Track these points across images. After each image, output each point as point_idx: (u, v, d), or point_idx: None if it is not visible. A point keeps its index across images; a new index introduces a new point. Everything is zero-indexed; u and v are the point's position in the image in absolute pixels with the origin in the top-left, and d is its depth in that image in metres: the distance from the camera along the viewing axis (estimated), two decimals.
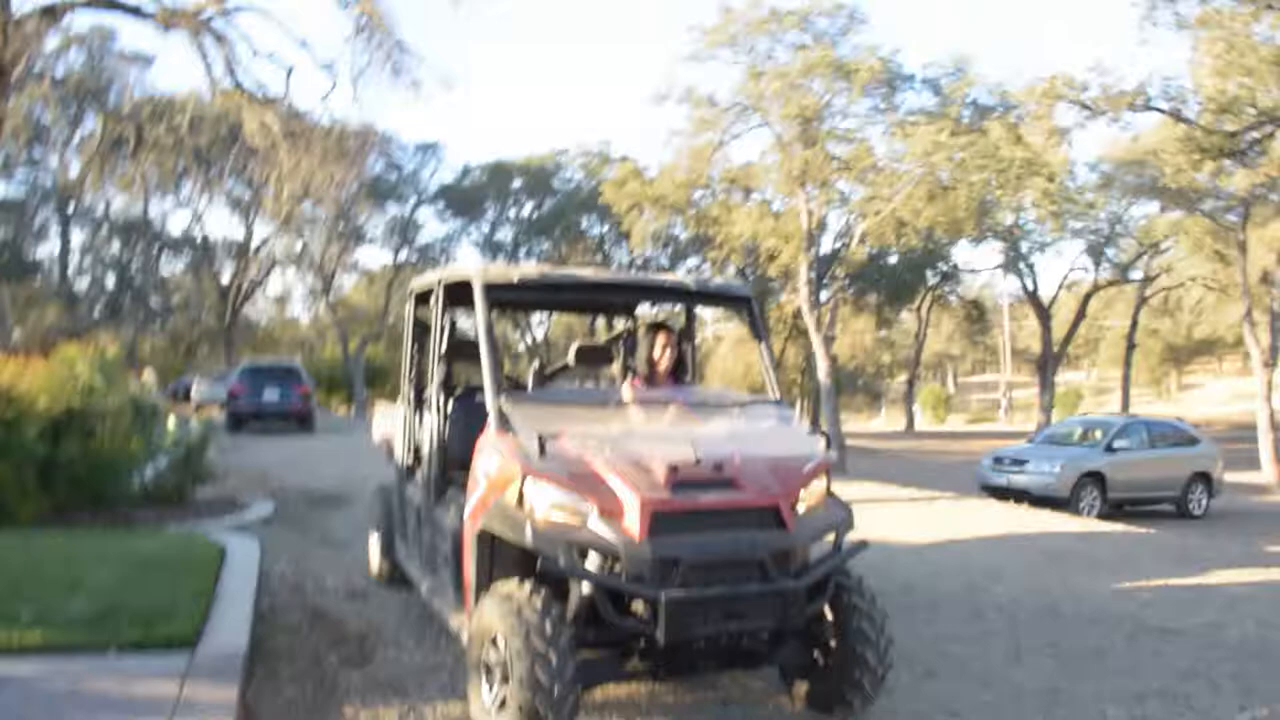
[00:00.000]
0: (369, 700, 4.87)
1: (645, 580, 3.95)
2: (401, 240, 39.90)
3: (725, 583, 4.05)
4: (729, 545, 4.11)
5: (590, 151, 39.52)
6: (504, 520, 4.31)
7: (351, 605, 6.77)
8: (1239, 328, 26.95)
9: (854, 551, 4.64)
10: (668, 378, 5.64)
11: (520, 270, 5.20)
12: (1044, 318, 36.61)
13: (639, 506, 4.03)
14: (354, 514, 10.72)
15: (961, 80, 21.33)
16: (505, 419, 4.57)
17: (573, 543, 4.03)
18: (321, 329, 53.19)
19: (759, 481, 4.34)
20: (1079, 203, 24.99)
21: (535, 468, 4.20)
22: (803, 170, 22.21)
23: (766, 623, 4.16)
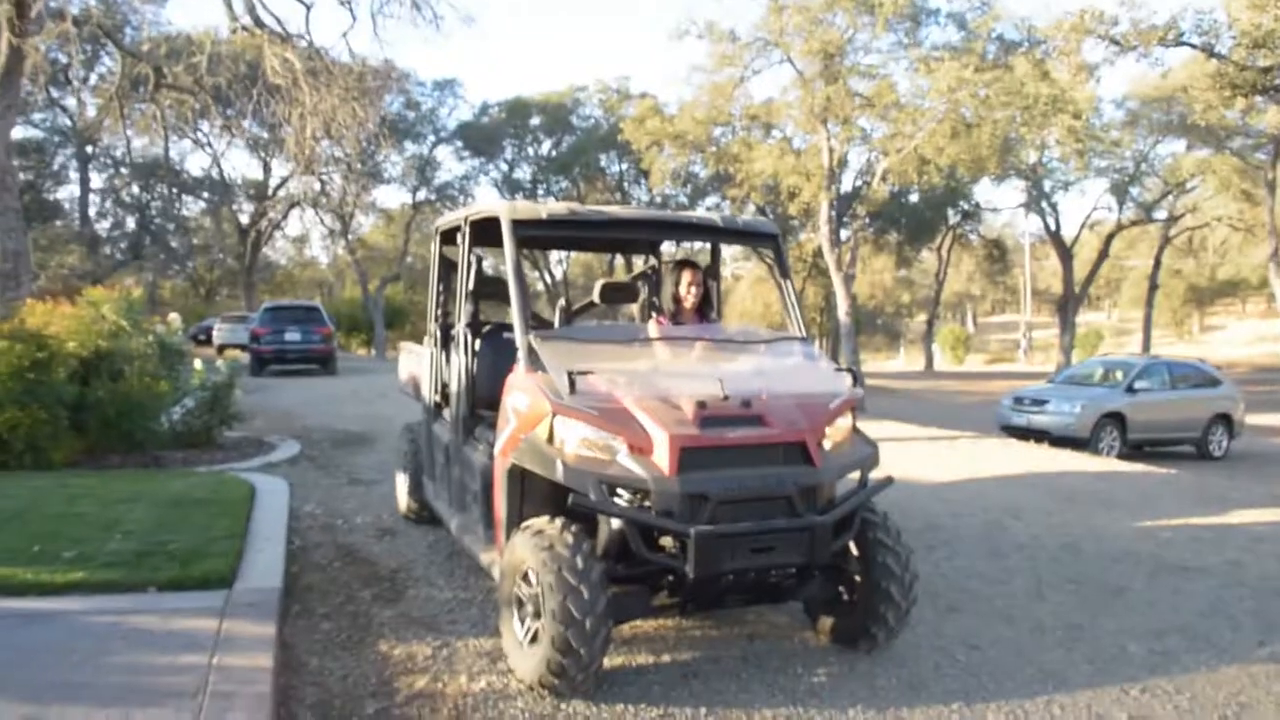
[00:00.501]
0: (402, 636, 4.95)
1: (675, 515, 3.98)
2: (420, 179, 39.68)
3: (753, 518, 4.08)
4: (757, 481, 4.13)
5: (609, 88, 39.14)
6: (534, 456, 4.32)
7: (381, 543, 6.85)
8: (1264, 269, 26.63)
9: (879, 487, 4.66)
10: (693, 315, 5.65)
11: (548, 207, 5.14)
12: (1065, 258, 36.29)
13: (668, 442, 4.05)
14: (379, 454, 10.82)
15: (987, 14, 20.92)
16: (535, 356, 4.56)
17: (603, 478, 4.05)
18: (340, 270, 53.26)
19: (786, 418, 4.36)
20: (1104, 140, 24.66)
21: (565, 404, 4.22)
22: (824, 107, 21.95)
23: (794, 558, 4.20)
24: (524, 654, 4.25)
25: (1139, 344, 42.10)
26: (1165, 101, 23.36)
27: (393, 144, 30.94)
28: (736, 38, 22.80)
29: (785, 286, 5.69)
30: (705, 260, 6.46)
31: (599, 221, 5.28)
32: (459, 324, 5.85)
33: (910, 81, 22.45)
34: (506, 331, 6.07)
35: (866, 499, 4.57)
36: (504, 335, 6.11)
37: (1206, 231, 41.63)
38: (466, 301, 5.83)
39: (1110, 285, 58.75)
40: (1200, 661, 4.96)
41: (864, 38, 21.91)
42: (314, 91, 17.11)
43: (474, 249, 5.86)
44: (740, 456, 4.20)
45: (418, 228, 43.23)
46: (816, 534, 4.16)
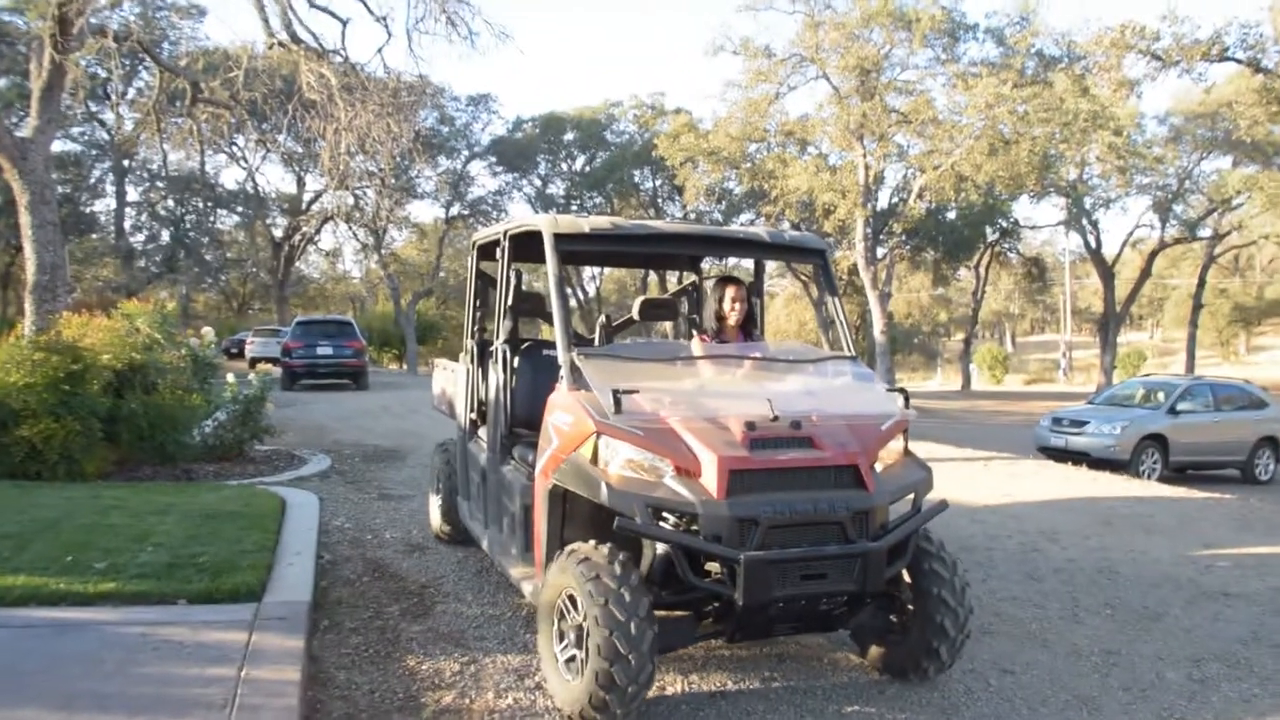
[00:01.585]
0: (430, 651, 4.94)
1: (723, 540, 3.87)
2: (453, 194, 39.85)
3: (804, 543, 3.96)
4: (808, 505, 3.99)
5: (644, 104, 39.16)
6: (577, 478, 4.22)
7: (410, 559, 6.83)
8: None
9: (934, 512, 4.50)
10: (737, 333, 5.49)
11: (591, 220, 5.02)
12: (1107, 276, 35.84)
13: (716, 465, 3.93)
14: (410, 469, 10.80)
15: (1026, 30, 20.77)
16: (578, 374, 4.46)
17: (649, 501, 3.94)
18: (373, 284, 53.54)
19: (837, 440, 4.21)
20: (1146, 157, 24.32)
21: (610, 424, 4.11)
22: (860, 123, 21.83)
23: (846, 585, 4.05)
24: (564, 683, 4.12)
25: (1183, 365, 41.44)
26: (1209, 117, 23.05)
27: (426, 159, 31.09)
28: (772, 54, 22.76)
29: (833, 304, 5.53)
30: (747, 277, 6.37)
31: (642, 236, 5.15)
32: (497, 340, 5.72)
33: (947, 98, 22.32)
34: (546, 349, 5.96)
35: (921, 525, 4.42)
36: (544, 352, 5.98)
37: (1253, 249, 41.03)
38: (505, 318, 5.70)
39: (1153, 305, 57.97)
40: (1241, 691, 4.81)
41: (901, 53, 21.83)
42: (349, 107, 17.16)
43: (513, 264, 5.71)
44: (790, 480, 4.07)
45: (451, 243, 43.41)
46: (869, 561, 4.04)
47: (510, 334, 5.74)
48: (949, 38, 21.56)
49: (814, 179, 24.59)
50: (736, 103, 24.97)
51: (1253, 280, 49.98)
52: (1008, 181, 21.98)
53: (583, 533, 4.39)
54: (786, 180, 25.35)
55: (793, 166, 25.48)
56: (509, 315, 5.72)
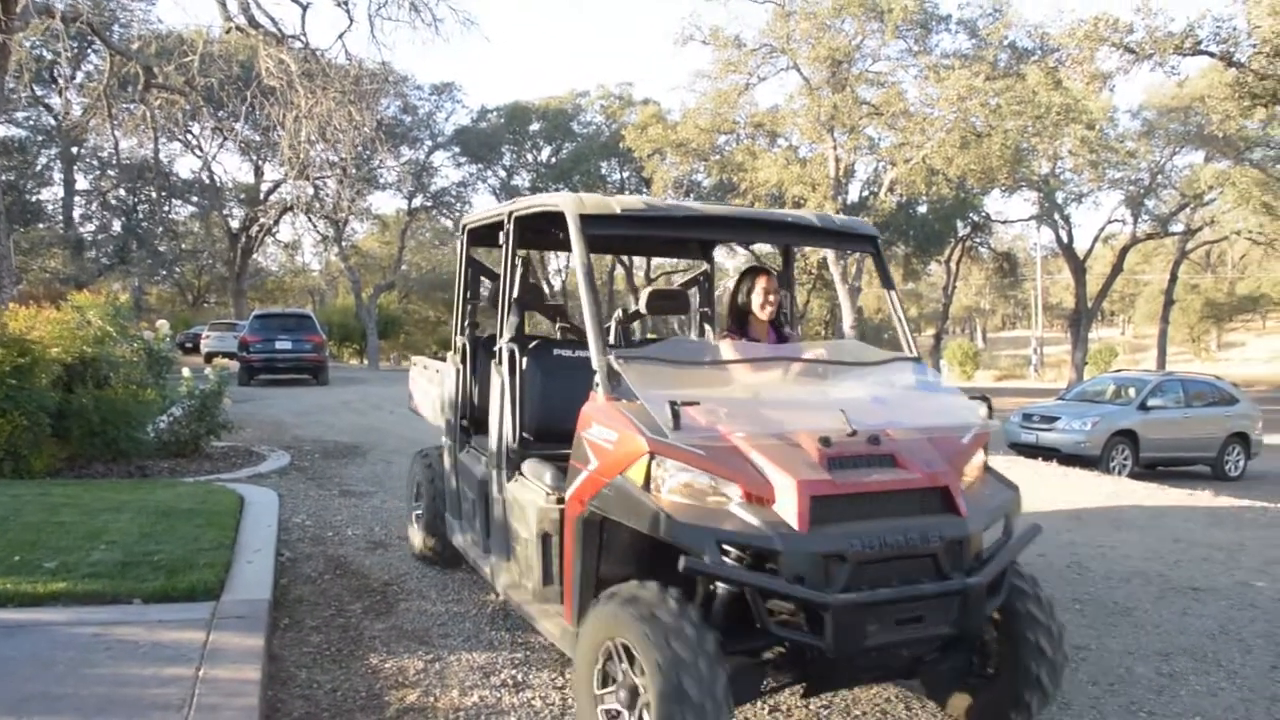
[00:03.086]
0: (394, 650, 4.91)
1: (807, 581, 3.29)
2: (416, 185, 39.28)
3: (896, 581, 3.41)
4: (898, 536, 3.43)
5: (611, 94, 38.96)
6: (625, 506, 3.60)
7: (373, 556, 6.79)
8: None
9: (1028, 537, 3.95)
10: (768, 329, 4.95)
11: (622, 201, 4.41)
12: (1078, 271, 36.00)
13: (796, 490, 3.35)
14: (372, 466, 10.76)
15: (999, 22, 20.78)
16: (618, 381, 3.84)
17: (721, 536, 3.33)
18: (333, 277, 52.85)
19: (922, 457, 3.68)
20: (1119, 151, 24.42)
21: (668, 443, 3.49)
22: (831, 115, 21.71)
23: (942, 629, 3.51)
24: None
25: (1154, 361, 41.80)
26: (1182, 112, 23.14)
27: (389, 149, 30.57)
28: (742, 44, 22.61)
29: (890, 298, 5.02)
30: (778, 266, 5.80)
31: (680, 219, 4.58)
32: (502, 339, 5.00)
33: (919, 90, 22.30)
34: (557, 348, 5.45)
35: (1018, 553, 3.85)
36: (554, 352, 5.43)
37: (1225, 245, 41.47)
38: (510, 312, 5.06)
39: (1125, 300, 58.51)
40: (1209, 685, 4.84)
41: (872, 44, 21.74)
42: (309, 94, 16.77)
43: (518, 250, 5.11)
44: (875, 506, 3.51)
45: (413, 235, 42.90)
46: (970, 598, 3.50)
47: (516, 331, 5.11)
48: (921, 29, 21.52)
49: (784, 171, 24.43)
50: (705, 94, 24.83)
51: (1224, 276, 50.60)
52: (979, 175, 21.95)
53: (622, 569, 3.89)
54: (756, 173, 25.18)
55: (762, 159, 25.33)
56: (514, 309, 5.11)
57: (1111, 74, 17.69)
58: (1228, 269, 48.63)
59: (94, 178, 38.51)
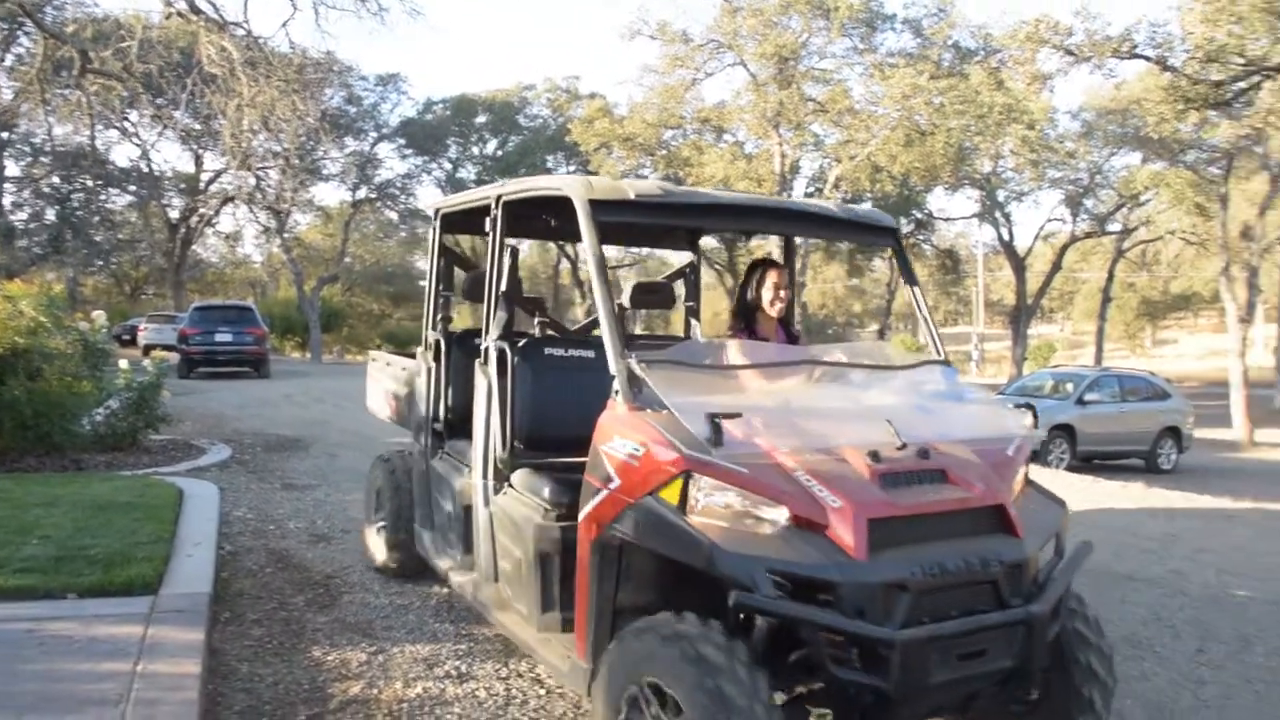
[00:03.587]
0: (337, 642, 4.86)
1: (867, 614, 2.93)
2: (360, 177, 38.83)
3: (955, 611, 3.09)
4: (960, 562, 3.10)
5: (558, 87, 38.81)
6: (657, 531, 3.20)
7: (315, 549, 6.70)
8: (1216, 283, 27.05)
9: (1082, 556, 3.64)
10: (776, 328, 4.62)
11: (636, 185, 3.97)
12: (1019, 269, 36.61)
13: (852, 513, 3.00)
14: (314, 459, 10.62)
15: (943, 22, 21.06)
16: (639, 388, 3.45)
17: (773, 566, 2.95)
18: (275, 269, 52.03)
19: (975, 472, 3.36)
20: (1059, 151, 24.88)
21: (709, 460, 3.10)
22: (777, 111, 21.85)
23: (1004, 662, 3.18)
24: None
25: (1091, 357, 42.65)
26: (1120, 114, 23.62)
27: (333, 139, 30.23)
28: (689, 39, 22.67)
29: (915, 295, 4.62)
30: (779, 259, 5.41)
31: (697, 206, 4.20)
32: (489, 337, 4.54)
33: (864, 87, 22.56)
34: (549, 346, 4.96)
35: (1074, 574, 3.52)
36: (545, 351, 4.92)
37: (1160, 245, 42.30)
38: (499, 307, 4.60)
39: (1063, 297, 59.46)
40: (1142, 670, 4.99)
41: (819, 42, 21.93)
42: (252, 82, 16.47)
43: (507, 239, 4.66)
44: (930, 528, 3.18)
45: (357, 227, 42.37)
46: (1034, 627, 3.16)
47: (505, 328, 4.63)
48: (867, 27, 21.75)
49: (730, 167, 24.52)
50: (653, 88, 24.89)
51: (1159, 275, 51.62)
52: (923, 173, 22.23)
53: (640, 597, 3.52)
54: (702, 168, 25.23)
55: (708, 154, 25.41)
56: (503, 304, 4.62)
57: (1052, 75, 18.04)
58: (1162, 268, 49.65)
59: (26, 165, 37.38)
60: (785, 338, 4.62)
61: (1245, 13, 14.73)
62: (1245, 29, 15.07)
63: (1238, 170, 23.61)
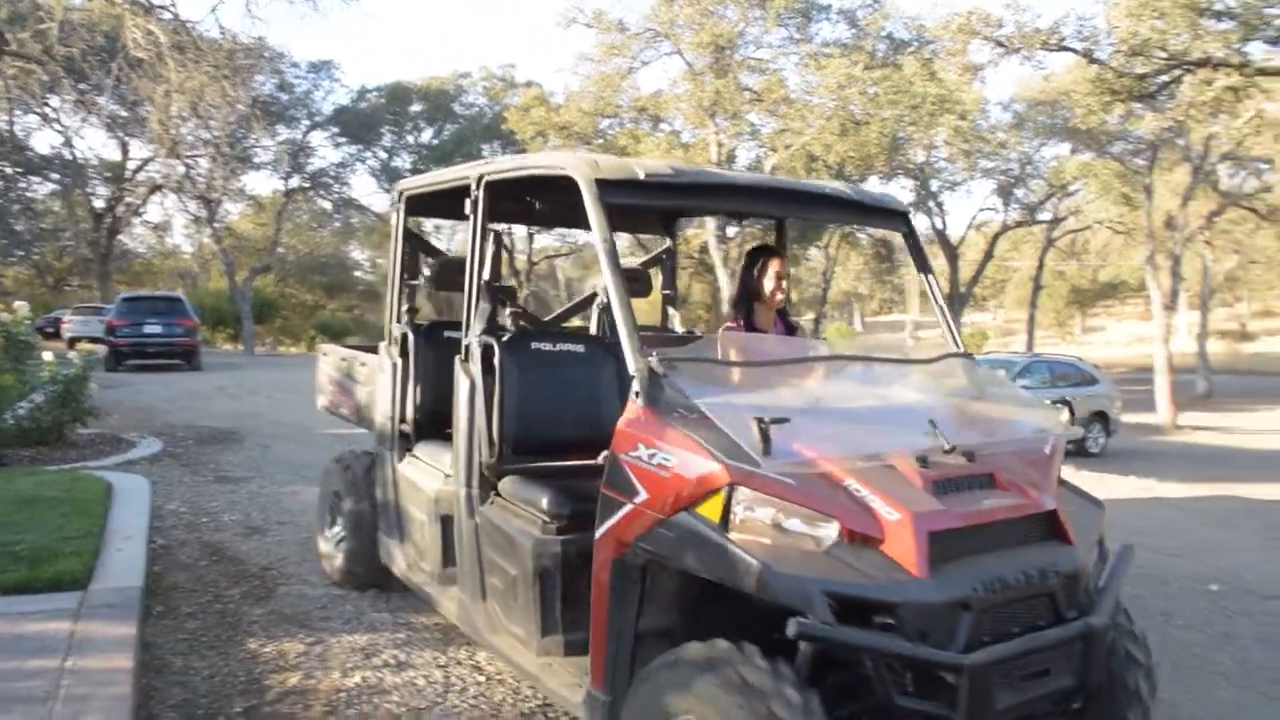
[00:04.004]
0: (273, 634, 4.84)
1: (930, 637, 2.67)
2: (293, 165, 38.19)
3: (1015, 628, 2.86)
4: (1019, 574, 2.86)
5: (494, 75, 38.60)
6: (695, 551, 2.87)
7: (250, 541, 6.66)
8: (1142, 271, 27.72)
9: (1127, 561, 3.39)
10: (775, 319, 4.42)
11: (645, 164, 3.63)
12: (952, 257, 37.19)
13: (911, 526, 2.74)
14: (248, 451, 10.53)
15: (878, 13, 21.31)
16: (660, 389, 3.12)
17: (830, 588, 2.64)
18: (206, 260, 51.00)
19: (1023, 476, 3.14)
20: (990, 142, 25.33)
21: (757, 472, 2.78)
22: (714, 101, 21.92)
23: (1066, 680, 2.95)
24: None
25: (1023, 343, 43.47)
26: (1050, 105, 24.09)
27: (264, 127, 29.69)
28: (626, 28, 22.67)
29: (929, 283, 4.36)
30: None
31: (710, 187, 3.86)
32: (472, 332, 4.16)
33: (800, 77, 22.74)
34: (535, 340, 4.52)
35: (1122, 581, 3.29)
36: (532, 346, 4.45)
37: (1089, 234, 43.20)
38: (482, 299, 4.19)
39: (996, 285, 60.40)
40: None
41: (755, 32, 22.03)
42: (180, 68, 16.10)
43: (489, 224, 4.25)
44: (986, 538, 2.94)
45: (290, 216, 41.67)
46: (1094, 641, 2.94)
47: (489, 322, 4.22)
48: (803, 17, 21.92)
49: (666, 156, 24.53)
50: (589, 77, 24.82)
51: (1088, 264, 52.74)
52: (858, 162, 22.45)
53: (664, 619, 3.23)
54: (639, 157, 25.21)
55: (645, 143, 25.41)
56: (486, 295, 4.20)
57: (983, 66, 18.34)
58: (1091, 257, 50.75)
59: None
60: (784, 329, 4.45)
61: (1167, 9, 15.12)
62: (1167, 24, 15.47)
63: (1161, 162, 24.22)
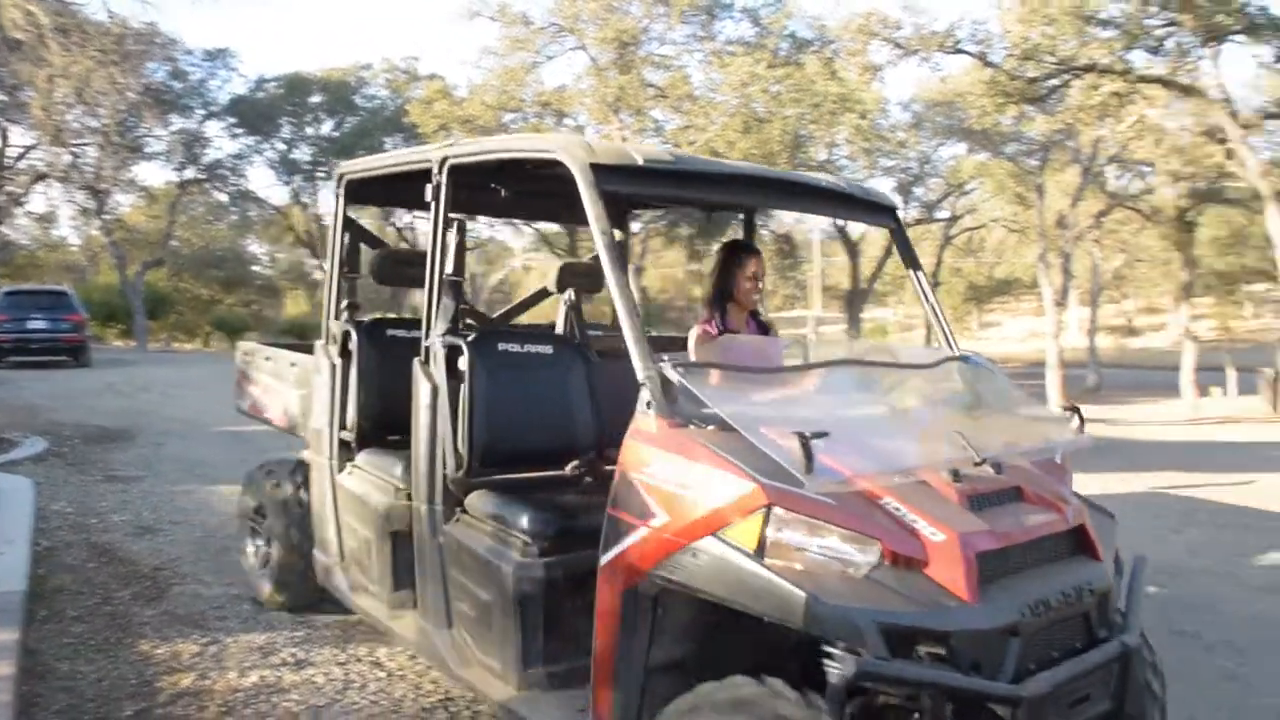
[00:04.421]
0: (166, 635, 4.76)
1: (982, 668, 2.49)
2: (187, 156, 37.01)
3: (1058, 652, 2.71)
4: (1058, 595, 2.70)
5: (396, 68, 37.93)
6: (727, 581, 2.61)
7: (141, 541, 6.57)
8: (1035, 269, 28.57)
9: (1143, 574, 3.20)
10: (748, 320, 4.25)
11: (644, 150, 3.34)
12: (853, 254, 37.80)
13: (957, 546, 2.54)
14: (140, 449, 10.31)
15: (780, 12, 21.55)
16: (676, 398, 2.85)
17: (883, 619, 2.42)
18: (94, 253, 49.18)
19: (1046, 489, 3.00)
20: (890, 141, 25.81)
21: (795, 492, 2.54)
22: (618, 96, 21.94)
23: (1104, 705, 2.80)
24: None
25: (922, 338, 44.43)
26: (947, 106, 24.64)
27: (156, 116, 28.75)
28: (530, 21, 22.51)
29: (918, 280, 4.19)
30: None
31: (710, 176, 3.62)
32: (434, 331, 3.79)
33: (704, 75, 22.84)
34: (503, 342, 4.08)
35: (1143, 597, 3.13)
36: (500, 347, 4.01)
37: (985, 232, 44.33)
38: (445, 295, 3.80)
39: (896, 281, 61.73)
40: None
41: (659, 28, 22.07)
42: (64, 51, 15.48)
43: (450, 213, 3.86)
44: (1023, 556, 2.77)
45: (184, 209, 40.42)
46: (1132, 662, 2.82)
47: (453, 321, 3.82)
48: (707, 15, 22.08)
49: None
50: (493, 70, 24.59)
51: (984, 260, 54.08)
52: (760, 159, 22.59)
53: (674, 651, 2.97)
54: None
55: None
56: (450, 291, 3.81)
57: (882, 67, 18.73)
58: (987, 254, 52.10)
59: None
60: (756, 329, 4.28)
61: (1056, 15, 15.67)
62: (1057, 31, 16.02)
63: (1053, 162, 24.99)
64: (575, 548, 3.21)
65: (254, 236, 49.57)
